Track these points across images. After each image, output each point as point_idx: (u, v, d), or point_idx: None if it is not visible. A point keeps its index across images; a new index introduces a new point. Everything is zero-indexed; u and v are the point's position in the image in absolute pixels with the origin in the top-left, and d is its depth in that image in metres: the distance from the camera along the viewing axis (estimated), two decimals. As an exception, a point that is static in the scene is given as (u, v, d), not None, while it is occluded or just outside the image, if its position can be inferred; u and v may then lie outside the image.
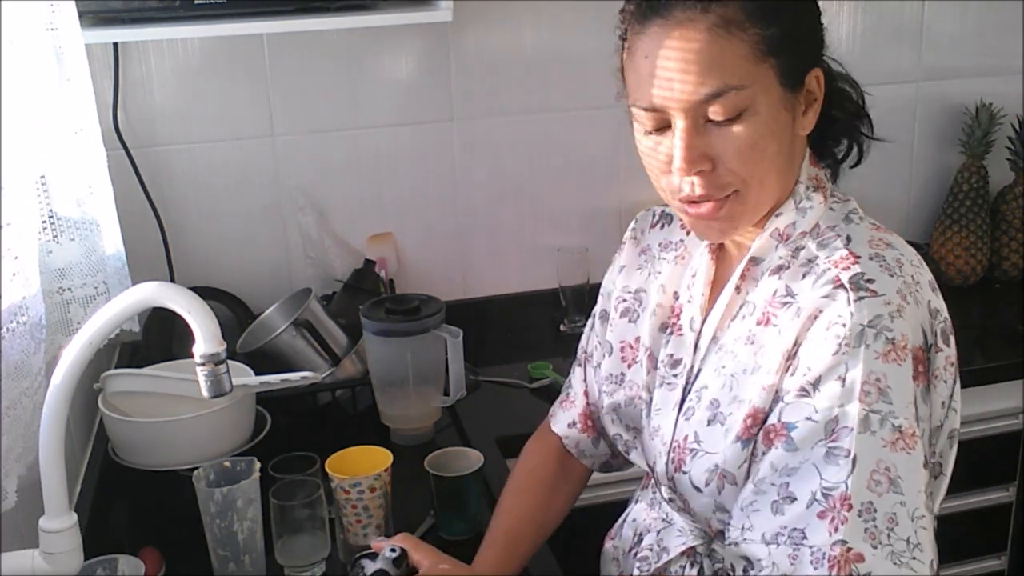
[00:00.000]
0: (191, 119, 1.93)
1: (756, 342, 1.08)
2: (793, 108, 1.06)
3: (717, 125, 1.03)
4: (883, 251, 1.05)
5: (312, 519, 1.32)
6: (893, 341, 0.99)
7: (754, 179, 1.05)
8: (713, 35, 1.01)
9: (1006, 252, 2.27)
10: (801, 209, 1.11)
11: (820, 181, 1.13)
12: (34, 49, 1.33)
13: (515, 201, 2.13)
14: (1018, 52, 2.30)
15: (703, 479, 1.11)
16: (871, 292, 1.00)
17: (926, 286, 1.06)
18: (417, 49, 1.99)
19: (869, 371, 0.98)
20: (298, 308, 1.73)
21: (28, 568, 1.08)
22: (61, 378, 1.06)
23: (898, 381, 0.99)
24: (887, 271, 1.03)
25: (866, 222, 1.11)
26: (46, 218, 1.42)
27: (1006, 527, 2.04)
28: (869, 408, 0.97)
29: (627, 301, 1.29)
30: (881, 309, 0.99)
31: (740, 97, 1.01)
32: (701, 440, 1.12)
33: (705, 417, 1.12)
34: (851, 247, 1.06)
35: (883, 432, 0.97)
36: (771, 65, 1.02)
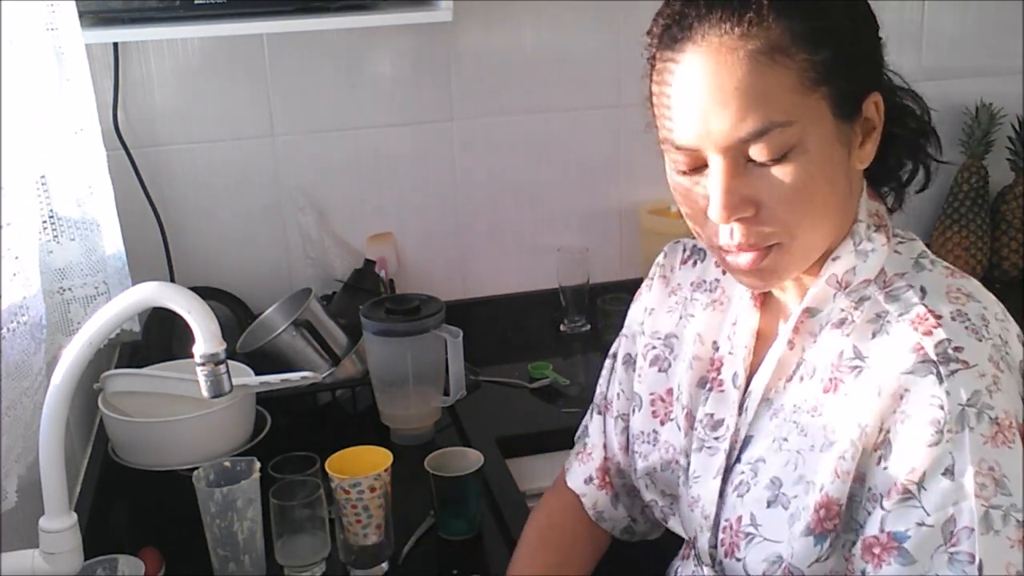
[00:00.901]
0: (191, 119, 1.93)
1: (824, 414, 0.96)
2: (848, 140, 0.94)
3: (760, 166, 0.91)
4: (965, 306, 0.93)
5: (312, 519, 1.32)
6: (998, 421, 0.87)
7: (802, 227, 0.93)
8: (754, 64, 0.88)
9: (1006, 252, 2.27)
10: (861, 252, 0.98)
11: (881, 218, 1.00)
12: (34, 49, 1.33)
13: (515, 201, 2.12)
14: (1018, 52, 2.30)
15: (761, 569, 0.98)
16: (963, 364, 0.88)
17: (1015, 342, 0.94)
18: (417, 49, 1.99)
19: (980, 459, 0.86)
20: (298, 308, 1.73)
21: (28, 568, 1.08)
22: (61, 378, 1.06)
23: (1013, 467, 0.87)
24: (974, 334, 0.90)
25: (939, 267, 0.99)
26: (46, 218, 1.42)
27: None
28: (988, 504, 0.86)
29: (656, 348, 1.16)
30: (977, 383, 0.88)
31: (786, 134, 0.89)
32: (759, 524, 0.98)
33: (764, 497, 0.99)
34: (928, 302, 0.93)
35: (1008, 530, 0.86)
36: (823, 95, 0.90)
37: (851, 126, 0.94)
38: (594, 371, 2.03)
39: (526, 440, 1.73)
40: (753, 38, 0.88)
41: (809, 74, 0.89)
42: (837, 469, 0.93)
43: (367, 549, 1.33)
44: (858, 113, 0.94)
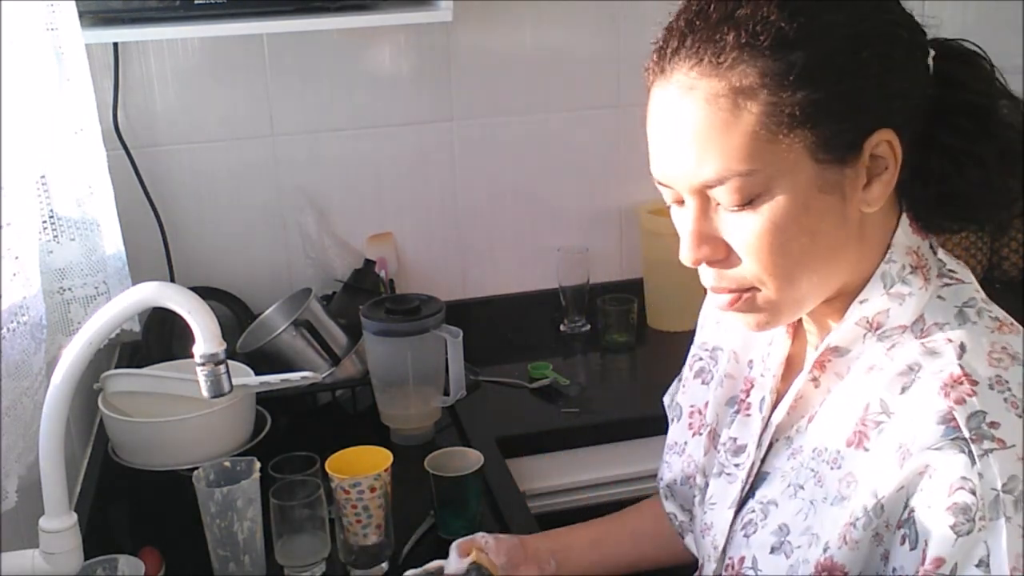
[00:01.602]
0: (191, 119, 1.93)
1: (844, 467, 0.89)
2: (840, 185, 0.85)
3: (730, 210, 0.85)
4: (1007, 371, 0.84)
5: (312, 519, 1.32)
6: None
7: (777, 276, 0.86)
8: (716, 107, 0.82)
9: (1006, 252, 2.27)
10: (895, 296, 0.90)
11: (921, 258, 0.91)
12: (34, 49, 1.33)
13: (515, 201, 2.12)
14: (1018, 52, 2.29)
15: None
16: (999, 442, 0.79)
17: None
18: (417, 49, 1.99)
19: (1016, 553, 0.77)
20: (298, 308, 1.73)
21: (28, 568, 1.08)
22: (61, 378, 1.06)
23: None
24: (1014, 408, 0.81)
25: (985, 318, 0.89)
26: (46, 218, 1.42)
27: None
28: None
29: (703, 360, 1.12)
30: (1015, 467, 0.79)
31: (750, 183, 0.83)
32: (760, 569, 0.94)
33: (770, 543, 0.94)
34: (965, 362, 0.84)
35: None
36: (799, 139, 0.82)
37: (844, 169, 0.84)
38: (594, 371, 2.05)
39: (526, 440, 1.73)
40: (714, 78, 0.82)
41: (779, 118, 0.81)
42: (846, 536, 0.86)
43: (367, 549, 1.33)
44: (858, 154, 0.84)
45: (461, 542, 1.18)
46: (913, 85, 0.87)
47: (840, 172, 0.84)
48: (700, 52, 0.83)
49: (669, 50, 0.85)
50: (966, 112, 0.88)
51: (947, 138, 0.88)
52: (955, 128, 0.88)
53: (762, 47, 0.81)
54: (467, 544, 1.17)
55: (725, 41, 0.82)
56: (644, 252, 2.14)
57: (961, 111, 0.88)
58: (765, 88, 0.81)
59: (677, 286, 1.99)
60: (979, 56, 0.93)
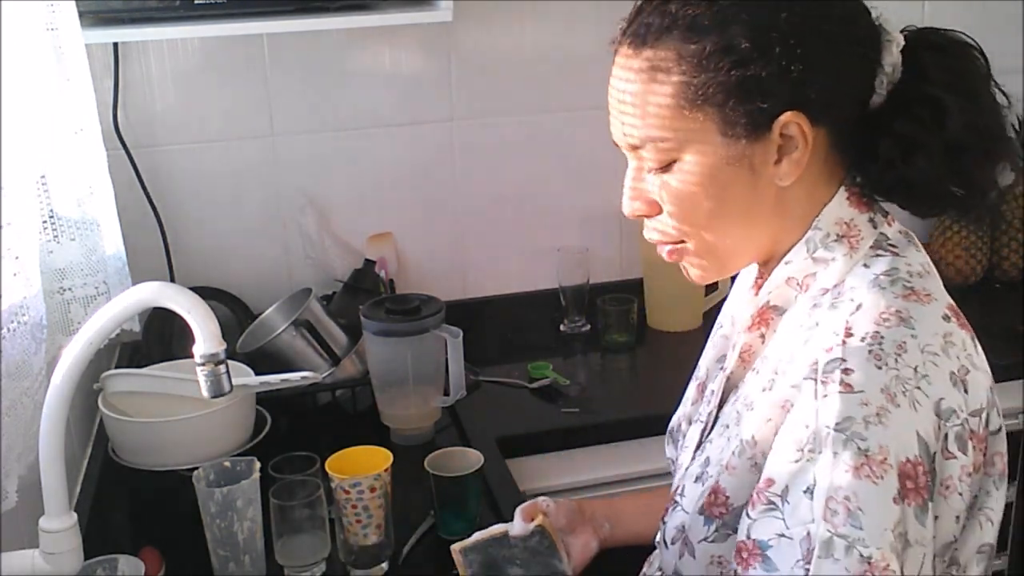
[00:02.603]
0: (191, 119, 1.93)
1: (755, 410, 0.97)
2: (749, 159, 0.93)
3: (653, 171, 0.98)
4: (889, 330, 0.89)
5: (312, 519, 1.32)
6: (867, 453, 0.84)
7: (693, 232, 0.98)
8: (638, 80, 0.95)
9: (1006, 252, 2.27)
10: (819, 260, 0.98)
11: (851, 229, 0.97)
12: (34, 49, 1.33)
13: (515, 201, 2.12)
14: (1018, 52, 2.30)
15: (671, 536, 1.03)
16: (845, 387, 0.86)
17: (942, 380, 0.89)
18: (417, 49, 1.99)
19: (836, 486, 0.85)
20: (298, 308, 1.73)
21: (28, 568, 1.08)
22: (61, 378, 1.06)
23: (873, 502, 0.84)
24: (876, 360, 0.87)
25: (898, 286, 0.93)
26: (46, 218, 1.42)
27: (1006, 527, 2.04)
28: (834, 531, 0.84)
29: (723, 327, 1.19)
30: (854, 410, 0.85)
31: (664, 148, 0.95)
32: (684, 495, 1.03)
33: (695, 473, 1.04)
34: (852, 319, 0.91)
35: (848, 561, 0.83)
36: (707, 115, 0.92)
37: (753, 145, 0.93)
38: (594, 371, 2.05)
39: (526, 440, 1.73)
40: (642, 57, 0.95)
41: (689, 95, 0.92)
42: (728, 463, 0.98)
43: (367, 549, 1.33)
44: (766, 132, 0.92)
45: (525, 506, 1.25)
46: (836, 74, 0.93)
47: (748, 148, 0.93)
48: (635, 32, 0.96)
49: (620, 32, 0.99)
50: (923, 102, 0.94)
51: (901, 125, 0.94)
52: (910, 116, 0.94)
53: (679, 30, 0.92)
54: (531, 508, 1.25)
55: (653, 24, 0.94)
56: (644, 252, 2.14)
57: (919, 101, 0.94)
58: (678, 67, 0.92)
59: (677, 286, 1.99)
60: (964, 47, 0.99)
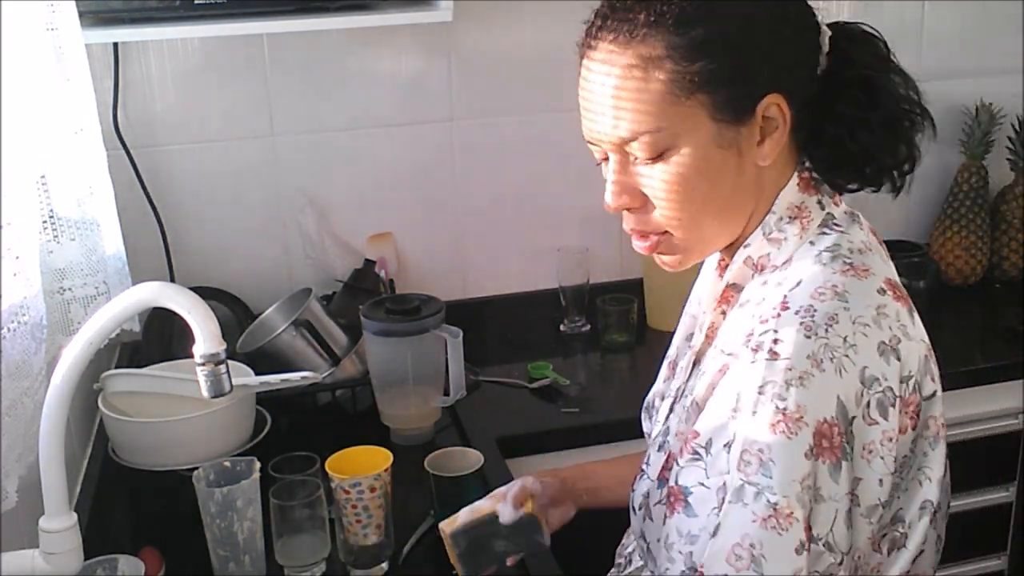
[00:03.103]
0: (191, 119, 1.93)
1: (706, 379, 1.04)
2: (736, 142, 0.99)
3: (644, 163, 1.00)
4: (822, 303, 0.96)
5: (312, 519, 1.32)
6: (784, 411, 0.92)
7: (683, 221, 1.02)
8: (629, 74, 0.96)
9: (1006, 252, 2.27)
10: (774, 240, 1.04)
11: (802, 211, 1.04)
12: (34, 49, 1.33)
13: (515, 201, 2.12)
14: (1018, 52, 2.30)
15: (638, 502, 1.10)
16: (772, 355, 0.94)
17: (869, 350, 0.95)
18: (417, 49, 1.99)
19: (752, 440, 0.93)
20: (298, 308, 1.73)
21: (28, 568, 1.08)
22: (61, 378, 1.06)
23: (784, 455, 0.91)
24: (807, 330, 0.94)
25: (839, 262, 1.00)
26: (46, 218, 1.42)
27: (1006, 527, 2.04)
28: (746, 479, 0.92)
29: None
30: (776, 375, 0.93)
31: (659, 138, 0.97)
32: (649, 464, 1.10)
33: (658, 442, 1.10)
34: (791, 294, 0.98)
35: (755, 506, 0.91)
36: (699, 102, 0.96)
37: (740, 128, 0.98)
38: (594, 371, 2.05)
39: (526, 440, 1.73)
40: (631, 50, 0.96)
41: (681, 84, 0.96)
42: (678, 429, 1.04)
43: (367, 549, 1.33)
44: (751, 115, 0.98)
45: (515, 493, 1.26)
46: (801, 57, 1.01)
47: (736, 130, 0.99)
48: (618, 29, 0.98)
49: (595, 28, 1.00)
50: (858, 84, 1.02)
51: (841, 107, 1.02)
52: (848, 98, 1.02)
53: (667, 24, 0.95)
54: (521, 494, 1.26)
55: (638, 19, 0.96)
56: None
57: (854, 83, 1.02)
58: (670, 58, 0.95)
59: (677, 286, 1.98)
60: (873, 37, 1.05)
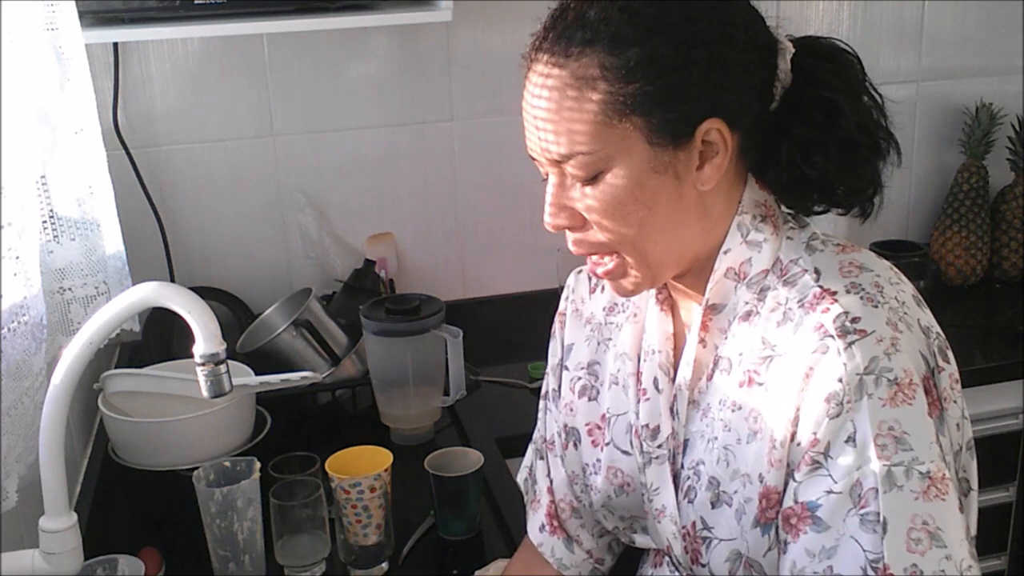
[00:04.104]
0: (191, 119, 1.93)
1: (744, 407, 0.98)
2: (673, 166, 0.94)
3: (579, 184, 0.96)
4: (858, 277, 0.96)
5: (312, 519, 1.32)
6: (897, 381, 0.90)
7: (624, 242, 0.97)
8: (564, 93, 0.93)
9: (1006, 252, 2.27)
10: (752, 243, 1.00)
11: (768, 208, 1.02)
12: (34, 49, 1.33)
13: (515, 201, 2.12)
14: (1018, 52, 2.30)
15: (726, 569, 1.00)
16: (860, 333, 0.91)
17: (912, 303, 0.96)
18: (417, 49, 1.99)
19: (879, 421, 0.89)
20: (298, 308, 1.73)
21: (28, 568, 1.08)
22: (61, 378, 1.06)
23: (914, 422, 0.90)
24: (870, 302, 0.93)
25: (830, 246, 1.01)
26: (46, 218, 1.41)
27: (1006, 527, 2.04)
28: (890, 463, 0.88)
29: (583, 379, 1.17)
30: (875, 350, 0.90)
31: (592, 160, 0.94)
32: (711, 526, 1.01)
33: (708, 499, 1.01)
34: (823, 282, 0.96)
35: (911, 484, 0.88)
36: (634, 125, 0.92)
37: (677, 153, 0.94)
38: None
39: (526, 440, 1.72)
40: (566, 68, 0.93)
41: (615, 106, 0.92)
42: (771, 459, 0.95)
43: (367, 549, 1.33)
44: (689, 139, 0.94)
45: None
46: (746, 80, 0.95)
47: (673, 155, 0.94)
48: (555, 46, 0.94)
49: (537, 43, 0.97)
50: (818, 105, 0.97)
51: (798, 128, 0.98)
52: (806, 119, 0.97)
53: (603, 43, 0.92)
54: None
55: (575, 37, 0.93)
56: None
57: (814, 104, 0.97)
58: (604, 79, 0.92)
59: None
60: (845, 53, 1.01)
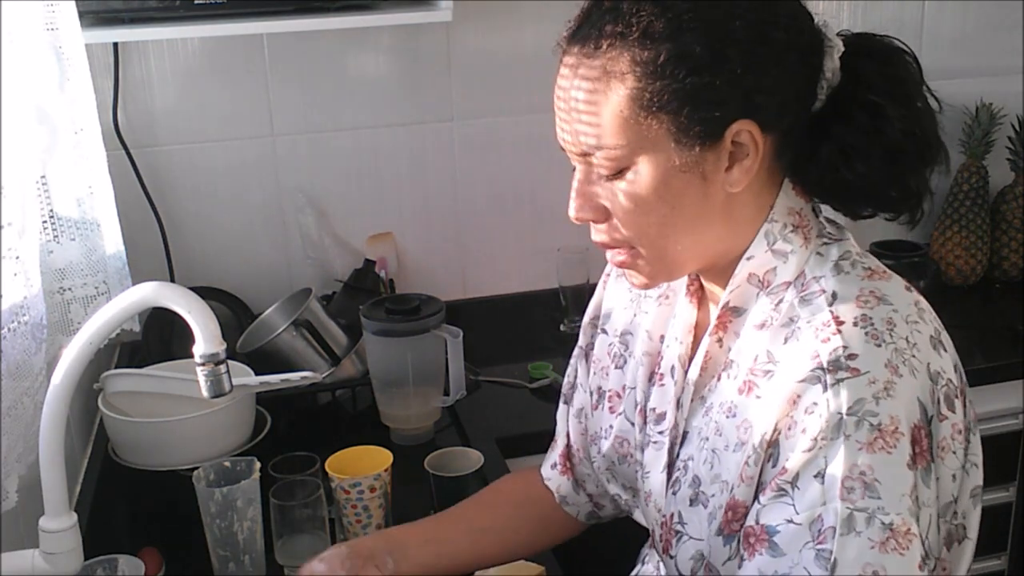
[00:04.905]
0: (191, 119, 1.93)
1: (738, 415, 0.97)
2: (700, 166, 0.93)
3: (605, 178, 0.96)
4: (872, 310, 0.92)
5: (312, 519, 1.32)
6: (880, 427, 0.88)
7: (645, 239, 0.97)
8: (592, 86, 0.93)
9: (1006, 252, 2.27)
10: (779, 253, 0.98)
11: (803, 218, 0.99)
12: (34, 49, 1.33)
13: (515, 201, 2.12)
14: (1018, 52, 2.30)
15: (688, 567, 1.01)
16: (852, 371, 0.89)
17: (926, 345, 0.93)
18: (417, 49, 1.99)
19: (851, 464, 0.87)
20: (298, 308, 1.73)
21: (28, 568, 1.08)
22: (61, 378, 1.06)
23: (888, 472, 0.88)
24: (874, 340, 0.90)
25: (858, 268, 0.97)
26: (46, 218, 1.41)
27: (1006, 527, 2.04)
28: (853, 506, 0.87)
29: (615, 345, 1.18)
30: (863, 391, 0.88)
31: (617, 155, 0.93)
32: (685, 522, 1.02)
33: (688, 496, 1.02)
34: (835, 308, 0.93)
35: (870, 532, 0.87)
36: (661, 122, 0.91)
37: (705, 153, 0.93)
38: (594, 371, 2.05)
39: (526, 440, 1.73)
40: (597, 61, 0.92)
41: (643, 102, 0.91)
42: (743, 473, 0.95)
43: (367, 549, 1.33)
44: (718, 140, 0.92)
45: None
46: (784, 81, 0.93)
47: (700, 155, 0.93)
48: (586, 38, 0.94)
49: (569, 34, 0.97)
50: (864, 108, 0.95)
51: (841, 131, 0.95)
52: (851, 121, 0.95)
53: (634, 37, 0.91)
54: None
55: (605, 30, 0.92)
56: (644, 252, 2.14)
57: (860, 106, 0.95)
58: (633, 74, 0.91)
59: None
60: (901, 53, 0.98)
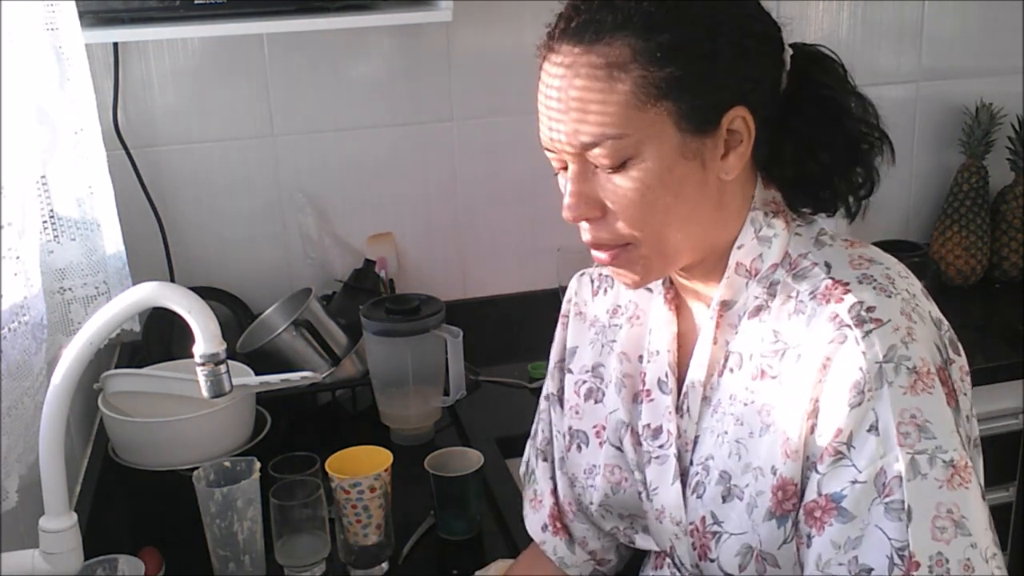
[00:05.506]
0: (191, 119, 1.93)
1: (757, 401, 0.98)
2: (700, 153, 0.95)
3: (605, 172, 0.96)
4: (869, 269, 0.97)
5: (312, 519, 1.32)
6: (916, 369, 0.90)
7: (646, 231, 0.97)
8: (592, 79, 0.93)
9: (1006, 252, 2.27)
10: (764, 239, 1.01)
11: (778, 205, 1.03)
12: (34, 49, 1.33)
13: (515, 201, 2.12)
14: (1018, 52, 2.30)
15: (736, 564, 0.99)
16: (876, 322, 0.91)
17: (921, 296, 0.97)
18: (417, 49, 1.99)
19: (901, 409, 0.89)
20: (298, 308, 1.73)
21: (28, 568, 1.08)
22: (61, 378, 1.06)
23: (935, 411, 0.90)
24: (883, 292, 0.94)
25: (838, 241, 1.02)
26: (47, 218, 1.42)
27: (1006, 527, 2.04)
28: (913, 450, 0.88)
29: (588, 382, 1.18)
30: (892, 338, 0.91)
31: (621, 146, 0.94)
32: (722, 521, 1.00)
33: (719, 493, 1.00)
34: (834, 274, 0.97)
35: (935, 472, 0.88)
36: (664, 110, 0.93)
37: (704, 140, 0.95)
38: (594, 371, 2.05)
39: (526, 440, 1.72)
40: (594, 54, 0.93)
41: (646, 90, 0.92)
42: (786, 450, 0.95)
43: (367, 549, 1.33)
44: (715, 126, 0.95)
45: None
46: (765, 71, 0.98)
47: (701, 142, 0.95)
48: (582, 31, 0.94)
49: (558, 31, 0.97)
50: (818, 103, 1.00)
51: (800, 126, 1.00)
52: (808, 117, 0.99)
53: (634, 27, 0.92)
54: None
55: (604, 22, 0.93)
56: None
57: (814, 102, 1.00)
58: (635, 63, 0.92)
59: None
60: (831, 59, 1.03)
